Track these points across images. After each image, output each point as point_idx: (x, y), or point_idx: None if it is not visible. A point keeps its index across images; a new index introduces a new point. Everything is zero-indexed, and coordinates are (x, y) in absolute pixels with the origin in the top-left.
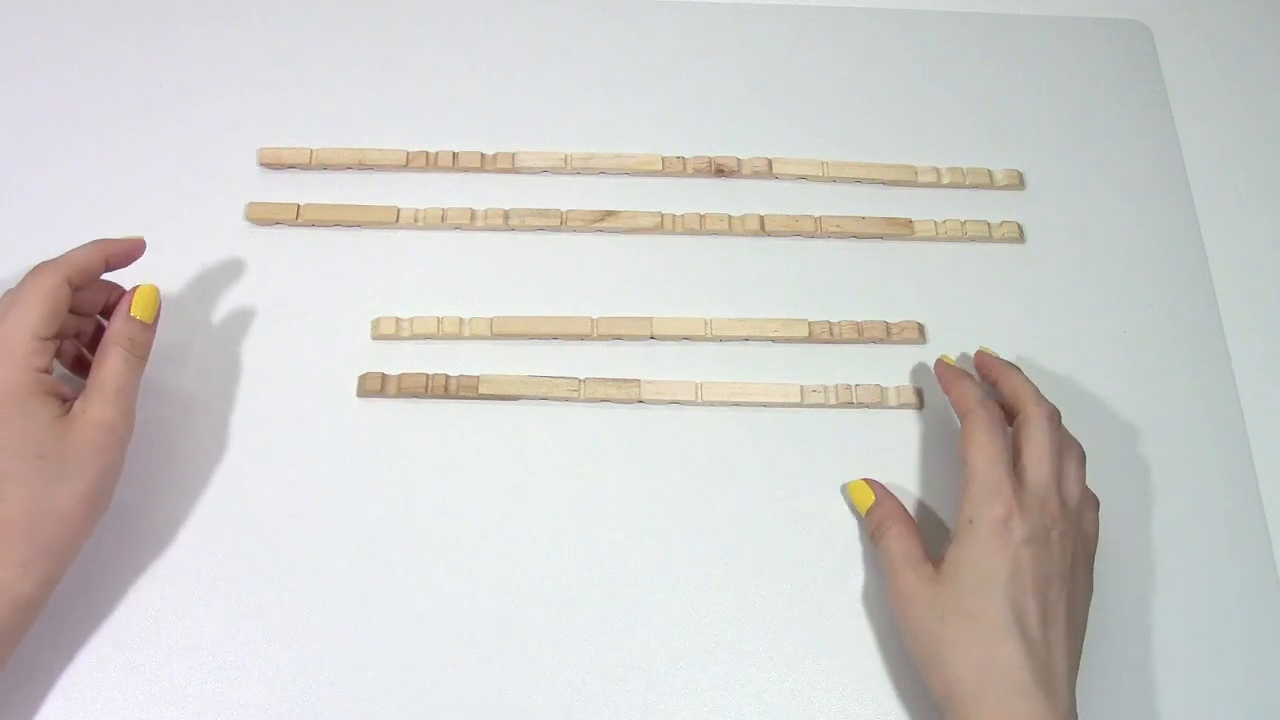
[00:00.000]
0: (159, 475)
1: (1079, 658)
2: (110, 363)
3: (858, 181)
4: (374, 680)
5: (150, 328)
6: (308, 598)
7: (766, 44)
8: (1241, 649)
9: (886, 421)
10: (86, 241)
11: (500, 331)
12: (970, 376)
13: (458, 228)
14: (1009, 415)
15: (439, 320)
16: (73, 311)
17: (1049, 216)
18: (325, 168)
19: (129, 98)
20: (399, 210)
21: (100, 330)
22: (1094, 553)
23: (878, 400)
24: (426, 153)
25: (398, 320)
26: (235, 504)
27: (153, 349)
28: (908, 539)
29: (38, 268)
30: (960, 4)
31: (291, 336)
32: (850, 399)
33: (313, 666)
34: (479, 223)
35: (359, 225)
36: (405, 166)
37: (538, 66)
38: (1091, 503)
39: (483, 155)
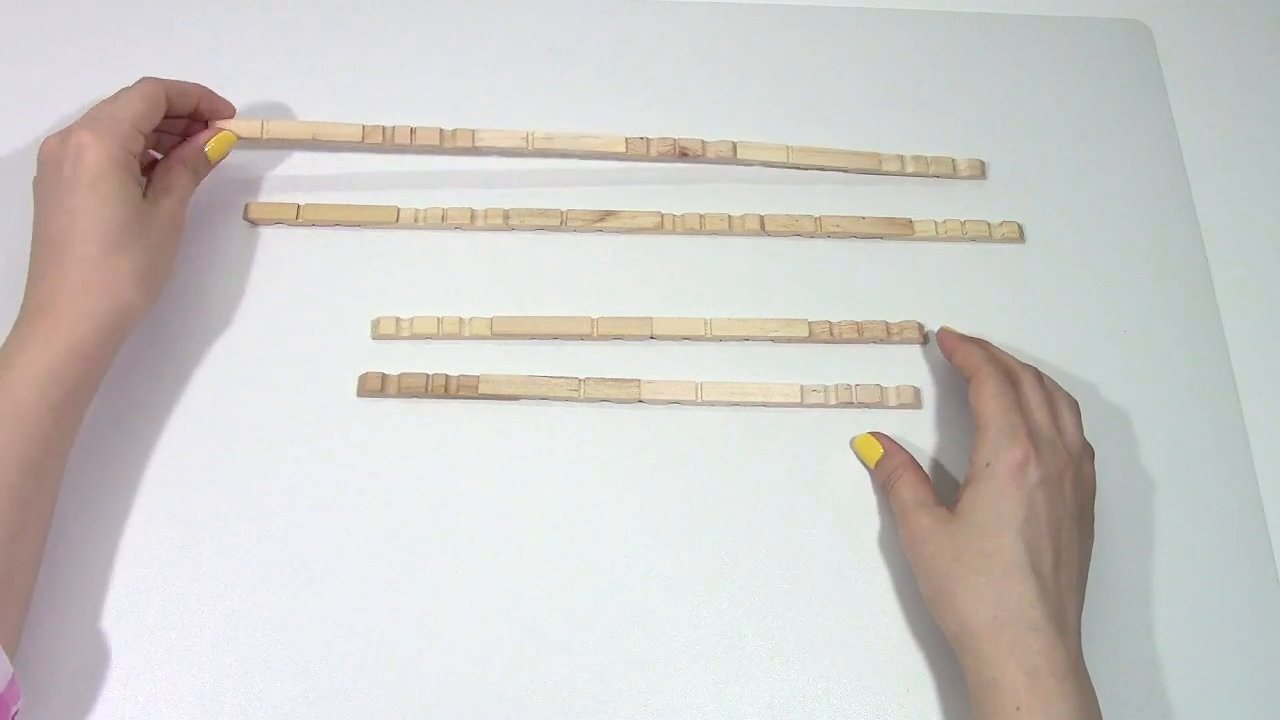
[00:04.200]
0: (158, 474)
1: (1084, 599)
2: (176, 173)
3: (822, 169)
4: (374, 679)
5: (211, 165)
6: (307, 597)
7: (775, 45)
8: (1241, 649)
9: (886, 421)
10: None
11: (500, 331)
12: (973, 340)
13: (458, 228)
14: None
15: (439, 320)
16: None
17: (1049, 216)
18: (280, 145)
19: None
20: (399, 210)
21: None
22: (1093, 501)
23: (878, 400)
24: (383, 128)
25: (398, 320)
26: (235, 503)
27: (152, 349)
28: (919, 485)
29: (145, 78)
30: (960, 4)
31: (291, 336)
32: (850, 399)
33: (312, 665)
34: (479, 223)
35: (359, 225)
36: (362, 143)
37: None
38: (1089, 452)
39: (441, 131)
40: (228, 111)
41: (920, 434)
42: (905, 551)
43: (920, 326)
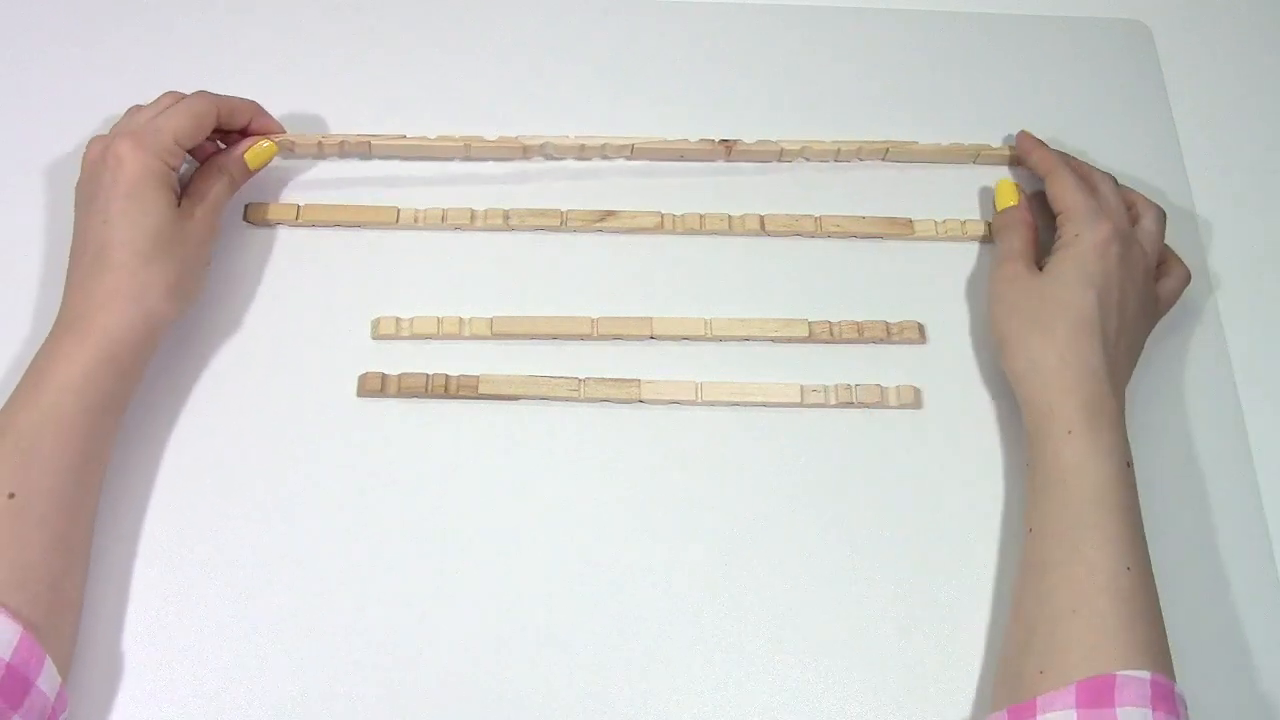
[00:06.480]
0: (158, 474)
1: (1131, 372)
2: (212, 181)
3: (861, 159)
4: (374, 678)
5: (250, 173)
6: (308, 597)
7: (775, 46)
8: (1242, 649)
9: (886, 421)
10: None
11: (500, 331)
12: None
13: (458, 228)
14: None
15: (439, 320)
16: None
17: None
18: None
19: (124, 98)
20: (399, 210)
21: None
22: (1154, 264)
23: (878, 400)
24: (443, 137)
25: (398, 320)
26: (235, 503)
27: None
28: (1030, 242)
29: (201, 92)
30: (961, 4)
31: (291, 336)
32: (850, 399)
33: (312, 665)
34: (479, 223)
35: (359, 225)
36: (419, 152)
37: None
38: (1173, 256)
39: (502, 139)
40: (277, 132)
41: (920, 434)
42: (990, 293)
43: (920, 326)
